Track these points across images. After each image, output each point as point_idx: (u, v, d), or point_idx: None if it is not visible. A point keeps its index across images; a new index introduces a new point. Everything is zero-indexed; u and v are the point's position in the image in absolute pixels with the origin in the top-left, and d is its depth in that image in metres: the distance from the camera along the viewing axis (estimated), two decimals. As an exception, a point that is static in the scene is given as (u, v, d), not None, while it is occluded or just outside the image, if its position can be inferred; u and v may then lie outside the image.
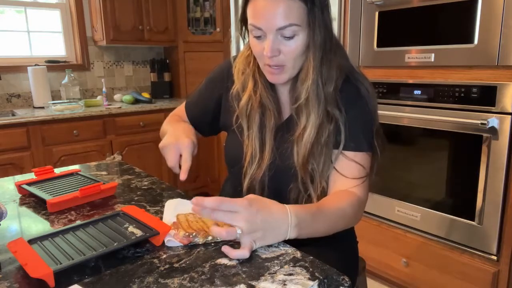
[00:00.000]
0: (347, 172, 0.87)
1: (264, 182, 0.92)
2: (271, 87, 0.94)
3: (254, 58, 0.92)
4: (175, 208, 0.87)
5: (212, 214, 0.68)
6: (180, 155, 0.89)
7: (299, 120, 0.88)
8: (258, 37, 0.83)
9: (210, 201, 0.68)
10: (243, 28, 0.90)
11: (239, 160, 0.95)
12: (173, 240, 0.73)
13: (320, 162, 0.86)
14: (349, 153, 0.87)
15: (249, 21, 0.83)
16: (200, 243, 0.73)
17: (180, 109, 1.14)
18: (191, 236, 0.72)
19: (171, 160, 0.88)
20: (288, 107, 0.94)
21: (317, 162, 0.86)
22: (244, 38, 0.93)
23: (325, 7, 0.83)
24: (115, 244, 0.68)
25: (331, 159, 0.88)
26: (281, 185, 0.93)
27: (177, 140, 0.90)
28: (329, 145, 0.87)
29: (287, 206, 0.73)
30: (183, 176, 0.85)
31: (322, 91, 0.85)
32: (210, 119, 1.06)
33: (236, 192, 0.99)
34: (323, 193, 0.89)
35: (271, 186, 0.93)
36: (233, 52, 2.98)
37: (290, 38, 0.81)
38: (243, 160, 0.94)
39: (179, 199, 0.93)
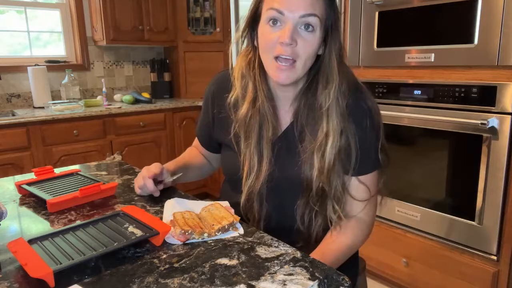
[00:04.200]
0: (356, 194, 0.90)
1: (262, 195, 0.91)
2: (271, 98, 0.92)
3: (259, 64, 0.89)
4: (173, 207, 0.87)
5: None
6: (155, 179, 0.95)
7: (320, 127, 0.85)
8: (274, 23, 0.81)
9: None
10: (251, 23, 0.88)
11: (236, 172, 0.94)
12: (172, 237, 0.74)
13: (335, 176, 0.86)
14: (360, 176, 0.89)
15: (269, 5, 0.81)
16: (196, 239, 0.74)
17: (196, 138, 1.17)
18: (187, 233, 0.73)
19: (145, 186, 0.94)
20: (287, 118, 0.93)
21: (336, 173, 0.86)
22: (249, 32, 0.90)
23: (339, 21, 0.85)
24: (115, 244, 0.68)
25: (343, 177, 0.88)
26: (282, 198, 0.92)
27: (146, 168, 0.98)
28: (341, 161, 0.86)
29: None
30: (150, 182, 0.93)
31: (340, 100, 0.85)
32: (216, 141, 1.06)
33: (235, 193, 0.98)
34: (328, 213, 0.89)
35: (270, 199, 0.92)
36: (234, 52, 2.98)
37: (309, 30, 0.80)
38: (240, 171, 0.92)
39: (177, 198, 0.93)
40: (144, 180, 0.94)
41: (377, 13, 1.81)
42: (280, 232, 0.85)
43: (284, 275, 0.62)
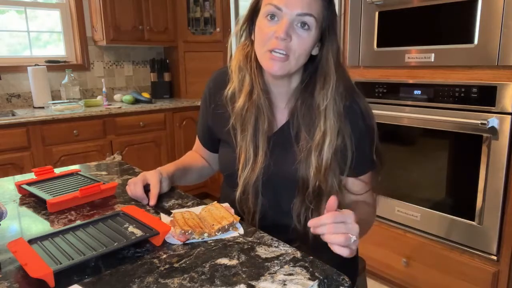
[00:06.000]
0: (352, 188, 0.94)
1: (258, 188, 0.92)
2: (267, 91, 0.93)
3: (255, 57, 0.90)
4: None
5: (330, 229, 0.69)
6: (147, 185, 0.94)
7: (317, 126, 0.86)
8: (271, 18, 0.83)
9: (326, 218, 0.70)
10: (251, 17, 0.90)
11: (233, 166, 0.95)
12: (172, 237, 0.74)
13: (331, 174, 0.88)
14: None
15: (268, 1, 0.83)
16: (196, 239, 0.74)
17: (197, 140, 1.16)
18: (187, 233, 0.73)
19: (134, 190, 0.93)
20: (283, 118, 0.94)
21: (333, 172, 0.88)
22: (248, 26, 0.91)
23: (336, 23, 0.86)
24: (115, 244, 0.68)
25: (339, 176, 0.90)
26: (277, 193, 0.93)
27: (143, 173, 0.96)
28: (337, 161, 0.88)
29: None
30: (152, 201, 0.90)
31: (337, 100, 0.86)
32: (216, 138, 1.06)
33: (232, 189, 0.98)
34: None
35: (265, 193, 0.93)
36: (233, 45, 2.98)
37: (304, 29, 0.82)
38: (237, 164, 0.93)
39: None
40: (134, 184, 0.94)
41: (377, 13, 1.81)
42: (276, 229, 0.85)
43: (284, 275, 0.62)
